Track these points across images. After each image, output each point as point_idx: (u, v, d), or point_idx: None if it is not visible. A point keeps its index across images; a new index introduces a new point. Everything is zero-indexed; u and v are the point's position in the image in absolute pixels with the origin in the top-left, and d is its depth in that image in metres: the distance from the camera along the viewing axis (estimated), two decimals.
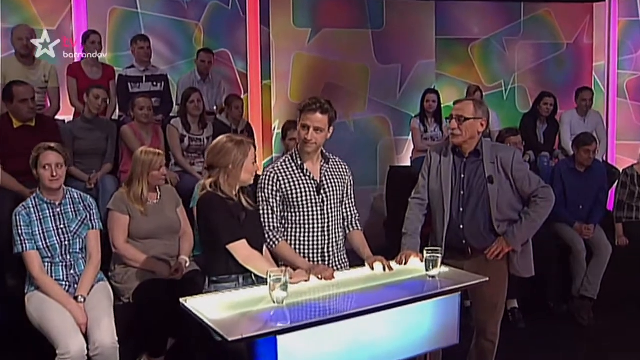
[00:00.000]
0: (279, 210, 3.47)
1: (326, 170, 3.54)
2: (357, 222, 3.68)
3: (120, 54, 6.52)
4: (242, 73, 7.12)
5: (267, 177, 3.46)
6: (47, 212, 3.88)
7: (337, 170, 3.60)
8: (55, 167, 3.82)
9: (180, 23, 6.88)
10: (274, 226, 3.45)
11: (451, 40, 7.71)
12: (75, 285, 3.84)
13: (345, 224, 3.65)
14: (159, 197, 4.31)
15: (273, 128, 7.23)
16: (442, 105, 6.74)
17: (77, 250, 3.92)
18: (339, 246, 3.58)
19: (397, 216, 3.87)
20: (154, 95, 6.00)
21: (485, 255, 3.60)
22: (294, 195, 3.44)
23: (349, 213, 3.65)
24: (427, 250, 3.24)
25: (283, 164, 3.50)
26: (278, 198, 3.46)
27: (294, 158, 3.50)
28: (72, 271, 3.87)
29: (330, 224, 3.51)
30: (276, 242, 3.42)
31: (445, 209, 3.63)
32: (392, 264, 3.36)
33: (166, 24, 6.81)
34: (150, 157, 4.22)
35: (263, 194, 3.45)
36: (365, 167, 7.30)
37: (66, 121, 5.60)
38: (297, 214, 3.47)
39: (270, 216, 3.45)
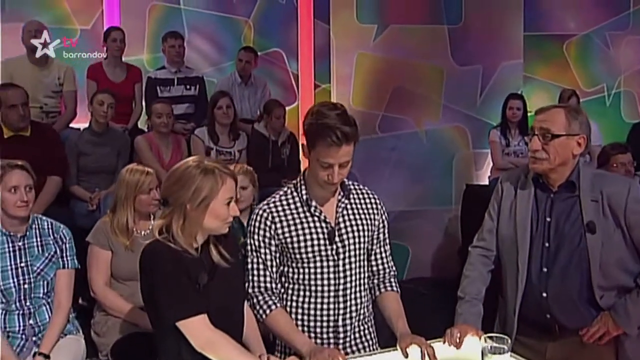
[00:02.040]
0: (274, 264, 2.35)
1: (345, 208, 2.38)
2: (393, 279, 2.51)
3: (161, 55, 5.63)
4: (297, 76, 6.20)
5: (259, 218, 2.34)
6: (6, 246, 2.98)
7: (362, 206, 2.43)
8: (24, 190, 2.94)
9: (228, 20, 6.01)
10: (265, 287, 2.33)
11: (542, 37, 6.56)
12: (34, 339, 2.98)
13: (375, 282, 2.49)
14: (150, 227, 3.28)
15: None
16: (529, 114, 5.57)
17: (40, 295, 3.02)
18: (360, 316, 2.42)
19: (471, 242, 2.77)
20: (187, 100, 5.20)
21: (581, 338, 2.34)
22: (296, 245, 2.32)
23: (380, 267, 2.49)
24: (487, 337, 2.04)
25: (283, 198, 2.38)
26: (273, 248, 2.33)
27: (299, 190, 2.37)
28: (31, 321, 2.99)
29: (348, 285, 2.36)
30: (267, 311, 2.29)
31: (520, 266, 2.39)
32: (438, 345, 2.20)
33: (212, 21, 5.94)
34: (137, 177, 3.24)
35: (252, 242, 2.34)
36: (439, 185, 6.30)
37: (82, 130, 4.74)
38: (300, 270, 2.35)
39: (261, 273, 2.33)
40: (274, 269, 2.36)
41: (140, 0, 5.75)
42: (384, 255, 2.51)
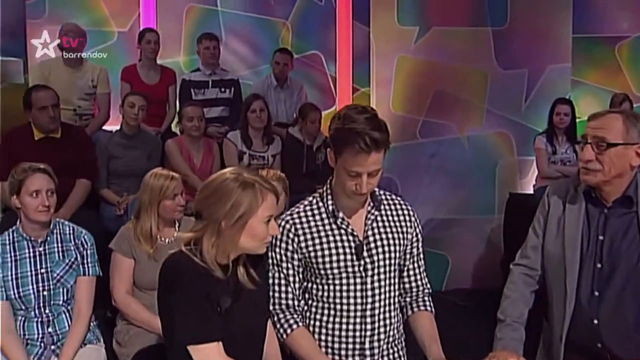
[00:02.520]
0: (297, 280, 2.16)
1: (375, 220, 2.17)
2: (427, 298, 2.30)
3: (197, 57, 5.51)
4: (336, 79, 6.01)
5: (281, 230, 2.14)
6: (26, 251, 2.87)
7: (394, 218, 2.22)
8: (46, 194, 2.83)
9: (266, 21, 5.85)
10: (287, 305, 2.13)
11: (592, 39, 6.22)
12: (53, 347, 2.87)
13: (408, 300, 2.27)
14: (175, 234, 3.13)
15: None
16: (577, 120, 5.31)
17: (60, 303, 2.90)
18: (389, 338, 2.21)
19: (515, 254, 2.57)
20: (221, 103, 5.04)
21: None
22: (320, 260, 2.12)
23: (413, 284, 2.28)
24: None
25: (308, 208, 2.18)
26: (296, 262, 2.14)
27: (325, 200, 2.17)
28: (50, 329, 2.88)
29: (377, 304, 2.15)
30: (288, 330, 2.10)
31: (568, 289, 2.14)
32: None
33: (249, 23, 5.79)
34: (161, 181, 3.08)
35: (274, 255, 2.15)
36: (481, 193, 6.03)
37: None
38: (325, 287, 2.15)
39: (283, 289, 2.14)
40: (297, 285, 2.16)
41: (177, 2, 5.65)
42: (417, 271, 2.30)
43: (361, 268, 2.13)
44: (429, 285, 2.33)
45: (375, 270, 2.15)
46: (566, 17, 6.11)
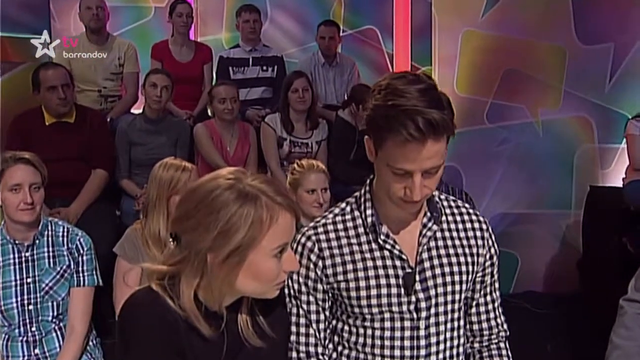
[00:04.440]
0: (321, 319, 1.53)
1: (433, 238, 1.52)
2: (503, 344, 1.64)
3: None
4: (393, 56, 5.50)
5: (300, 249, 1.50)
6: (10, 257, 2.39)
7: (460, 234, 1.56)
8: (29, 189, 2.34)
9: None
10: (307, 353, 1.50)
11: None
12: None
13: (477, 347, 1.62)
14: None
15: None
16: None
17: (49, 319, 2.42)
18: None
19: (597, 254, 2.72)
20: (263, 83, 4.53)
21: None
22: (354, 293, 1.48)
23: (484, 325, 1.62)
24: None
25: (339, 219, 1.54)
26: (320, 295, 1.51)
27: (362, 208, 1.52)
28: (37, 350, 2.42)
29: (434, 357, 1.49)
30: None
31: None
32: None
33: None
34: (171, 173, 2.56)
35: (290, 284, 1.51)
36: (557, 185, 5.44)
37: None
38: (360, 331, 1.51)
39: (302, 331, 1.51)
40: (321, 326, 1.53)
41: None
42: (490, 307, 1.63)
43: (412, 307, 1.48)
44: (505, 326, 1.66)
45: (432, 310, 1.49)
46: None
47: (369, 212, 1.51)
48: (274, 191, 1.25)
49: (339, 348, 1.55)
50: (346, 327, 1.53)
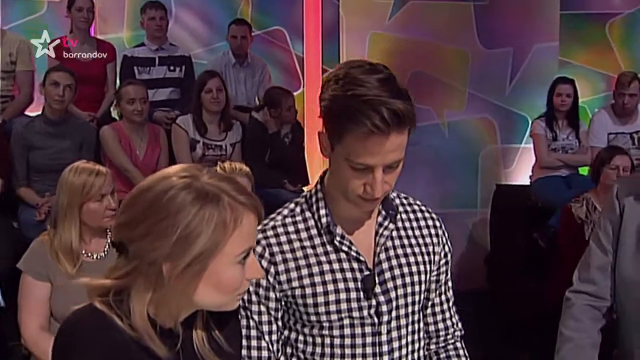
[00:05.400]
0: (274, 329, 1.39)
1: (390, 238, 1.41)
2: (459, 343, 1.56)
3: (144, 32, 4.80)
4: (302, 58, 5.42)
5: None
6: None
7: (416, 233, 1.47)
8: None
9: None
10: None
11: (581, 17, 5.83)
12: None
13: (433, 348, 1.53)
14: (106, 248, 2.36)
15: None
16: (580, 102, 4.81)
17: None
18: None
19: (504, 251, 2.80)
20: (171, 83, 4.31)
21: None
22: (310, 300, 1.34)
23: (440, 325, 1.54)
24: None
25: (289, 221, 1.40)
26: (273, 303, 1.36)
27: (314, 208, 1.39)
28: None
29: (396, 354, 1.40)
30: None
31: None
32: None
33: None
34: (83, 178, 2.31)
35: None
36: (463, 184, 5.62)
37: None
38: (317, 340, 1.37)
39: (253, 344, 1.36)
40: (274, 337, 1.38)
41: None
42: (445, 306, 1.55)
43: (373, 311, 1.36)
44: (460, 325, 1.59)
45: (394, 314, 1.37)
46: None
47: (322, 212, 1.39)
48: (235, 190, 1.09)
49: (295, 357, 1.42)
50: (301, 337, 1.39)
